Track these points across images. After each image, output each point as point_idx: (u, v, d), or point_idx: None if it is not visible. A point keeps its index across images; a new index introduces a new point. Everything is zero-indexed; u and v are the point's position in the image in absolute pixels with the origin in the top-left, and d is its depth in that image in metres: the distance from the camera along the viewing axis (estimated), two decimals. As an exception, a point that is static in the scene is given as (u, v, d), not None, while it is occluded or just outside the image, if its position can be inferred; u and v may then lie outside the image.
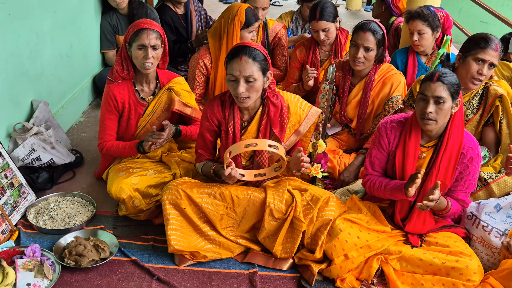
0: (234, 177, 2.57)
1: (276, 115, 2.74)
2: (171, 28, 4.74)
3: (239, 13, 3.41)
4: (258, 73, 2.56)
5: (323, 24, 3.70)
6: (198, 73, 3.58)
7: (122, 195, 2.85)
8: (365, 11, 9.39)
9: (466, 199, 2.64)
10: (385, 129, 2.66)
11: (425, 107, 2.45)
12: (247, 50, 2.55)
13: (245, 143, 2.53)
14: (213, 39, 3.54)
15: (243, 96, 2.57)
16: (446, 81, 2.43)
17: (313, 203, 2.64)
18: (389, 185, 2.58)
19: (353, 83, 3.39)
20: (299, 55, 3.94)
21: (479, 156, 2.58)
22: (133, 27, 2.95)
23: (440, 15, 3.76)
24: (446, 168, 2.54)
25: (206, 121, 2.77)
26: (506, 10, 7.36)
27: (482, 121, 3.11)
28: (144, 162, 3.12)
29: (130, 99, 3.05)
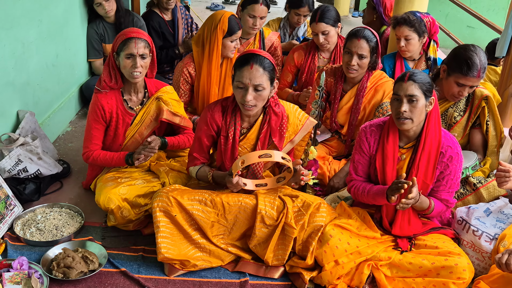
0: (240, 185, 2.60)
1: (277, 124, 2.76)
2: (158, 34, 4.78)
3: (221, 21, 3.42)
4: (267, 83, 2.59)
5: (323, 26, 3.73)
6: (182, 81, 3.59)
7: (110, 205, 2.83)
8: (352, 17, 9.45)
9: (450, 198, 2.66)
10: (364, 134, 2.70)
11: (399, 107, 2.51)
12: (258, 58, 2.57)
13: (259, 154, 2.56)
14: (196, 47, 3.55)
15: (250, 104, 2.58)
16: (417, 79, 2.49)
17: (304, 209, 2.65)
18: (371, 190, 2.62)
19: (345, 90, 3.41)
20: (297, 58, 3.96)
21: (459, 155, 2.61)
22: (121, 36, 2.94)
23: (427, 21, 3.80)
24: (425, 167, 2.58)
25: (205, 125, 2.77)
26: (492, 15, 7.45)
27: (470, 123, 3.14)
28: (133, 171, 3.11)
29: (118, 108, 3.04)
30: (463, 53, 2.94)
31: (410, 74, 2.50)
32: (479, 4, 7.73)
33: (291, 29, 4.75)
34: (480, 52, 2.94)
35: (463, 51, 2.95)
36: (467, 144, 3.21)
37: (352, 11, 9.75)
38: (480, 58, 2.92)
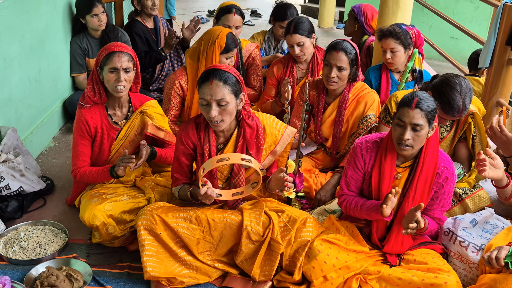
0: (211, 196, 2.57)
1: (252, 137, 2.76)
2: (142, 39, 4.88)
3: (220, 37, 3.44)
4: (230, 96, 2.58)
5: (297, 37, 3.75)
6: (173, 94, 3.58)
7: (95, 222, 2.82)
8: (337, 29, 9.54)
9: (442, 217, 2.69)
10: (360, 150, 2.69)
11: (403, 134, 2.48)
12: (218, 73, 2.57)
13: (217, 158, 2.54)
14: (191, 60, 3.55)
15: (216, 120, 2.58)
16: (424, 108, 2.45)
17: (291, 225, 2.65)
18: (365, 205, 2.61)
19: (327, 102, 3.44)
20: (276, 72, 3.99)
21: (454, 176, 2.63)
22: (104, 50, 2.95)
23: (412, 33, 3.84)
24: (422, 188, 2.58)
25: (181, 144, 2.77)
26: (475, 26, 7.56)
27: (456, 138, 3.18)
28: (118, 187, 3.10)
29: (103, 123, 3.04)
30: (448, 92, 2.86)
31: (418, 101, 2.45)
32: (462, 15, 7.84)
33: (275, 42, 4.78)
34: (466, 93, 2.87)
35: (448, 90, 2.86)
36: (452, 156, 3.25)
37: (337, 23, 9.84)
38: (464, 100, 2.86)
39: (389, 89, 3.95)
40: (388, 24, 4.01)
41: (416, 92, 2.51)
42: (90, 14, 4.39)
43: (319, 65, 3.90)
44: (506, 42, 4.02)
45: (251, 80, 4.22)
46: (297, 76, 3.95)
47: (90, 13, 4.38)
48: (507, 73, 4.14)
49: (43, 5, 4.05)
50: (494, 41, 4.11)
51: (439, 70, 7.00)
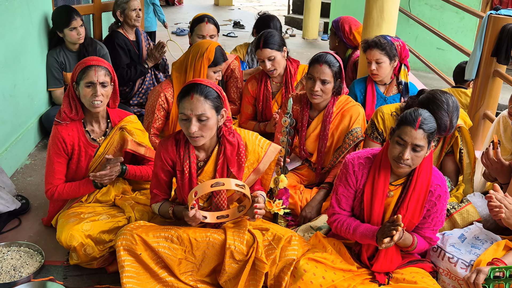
0: (198, 218, 2.57)
1: (233, 154, 2.76)
2: (124, 51, 4.89)
3: (208, 50, 3.44)
4: (211, 111, 2.58)
5: (267, 52, 3.77)
6: (158, 106, 3.57)
7: (73, 242, 2.78)
8: (322, 40, 9.62)
9: (433, 236, 2.67)
10: (352, 166, 2.67)
11: (402, 153, 2.47)
12: (199, 88, 2.58)
13: (211, 183, 2.53)
14: (177, 73, 3.55)
15: (196, 135, 2.58)
16: (427, 129, 2.45)
17: (275, 243, 2.64)
18: (358, 229, 2.60)
19: (312, 116, 3.46)
20: (251, 88, 4.01)
21: (447, 193, 2.63)
22: (80, 64, 2.94)
23: (397, 44, 3.88)
24: (414, 207, 2.58)
25: (160, 160, 2.76)
26: (461, 37, 7.69)
27: (443, 152, 3.21)
28: (96, 206, 3.07)
29: (80, 140, 3.01)
30: (435, 111, 2.88)
31: (421, 122, 2.44)
32: (448, 26, 7.96)
33: (258, 54, 4.80)
34: (453, 112, 2.91)
35: (435, 108, 2.89)
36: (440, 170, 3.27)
37: (322, 34, 9.93)
38: (452, 119, 2.90)
39: (374, 101, 3.97)
40: (373, 36, 4.04)
41: (418, 110, 2.50)
42: (68, 27, 4.37)
43: (293, 77, 3.92)
44: (492, 54, 4.10)
45: (231, 93, 4.23)
46: (272, 90, 3.97)
47: (69, 26, 4.37)
48: (493, 84, 4.21)
49: (18, 18, 4.03)
50: (479, 52, 4.19)
51: (425, 81, 7.10)
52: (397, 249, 2.64)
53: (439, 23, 7.95)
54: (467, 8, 5.03)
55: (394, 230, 2.39)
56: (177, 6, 12.56)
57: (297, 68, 3.96)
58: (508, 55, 4.02)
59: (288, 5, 11.51)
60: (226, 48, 4.27)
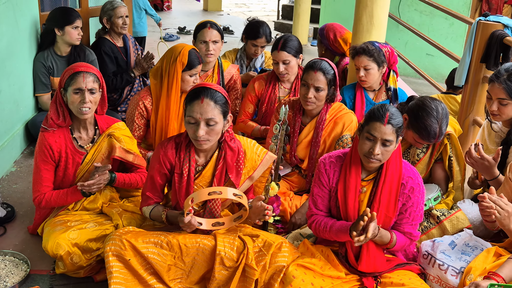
0: (193, 225, 2.58)
1: (233, 160, 2.78)
2: (111, 59, 4.86)
3: (181, 54, 3.44)
4: (219, 117, 2.61)
5: (284, 55, 3.80)
6: (137, 115, 3.57)
7: (59, 251, 2.77)
8: (311, 46, 9.66)
9: (414, 231, 2.70)
10: (323, 165, 2.72)
11: (373, 148, 2.53)
12: (209, 92, 2.60)
13: (208, 191, 2.55)
14: (154, 79, 3.55)
15: (202, 139, 2.60)
16: (395, 124, 2.51)
17: (266, 249, 2.65)
18: (334, 226, 2.63)
19: (304, 123, 3.47)
20: (258, 88, 4.00)
21: (420, 186, 2.66)
22: (68, 70, 2.94)
23: (385, 51, 3.90)
24: (387, 200, 2.62)
25: (158, 163, 2.76)
26: (450, 43, 7.75)
27: (433, 160, 3.22)
28: (83, 214, 3.06)
29: (67, 147, 3.01)
30: (425, 118, 2.93)
31: (389, 117, 2.50)
32: (437, 32, 8.04)
33: (248, 60, 4.82)
34: (443, 119, 2.94)
35: (425, 116, 2.93)
36: (429, 178, 3.29)
37: (311, 40, 9.97)
38: (441, 126, 2.94)
39: (363, 108, 3.99)
40: (362, 42, 4.07)
41: (385, 106, 2.56)
42: (72, 25, 4.36)
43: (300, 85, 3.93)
44: (481, 60, 4.14)
45: (231, 104, 4.22)
46: (279, 95, 3.97)
47: (73, 23, 4.36)
48: (483, 90, 4.24)
49: (3, 24, 4.01)
50: (469, 58, 4.23)
51: (415, 87, 7.15)
52: (378, 247, 2.66)
53: (428, 29, 8.03)
54: (456, 14, 5.08)
55: (361, 220, 2.41)
56: (166, 11, 12.57)
57: None
58: (497, 61, 4.06)
59: (278, 10, 11.55)
60: (215, 54, 4.26)
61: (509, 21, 4.10)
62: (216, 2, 13.24)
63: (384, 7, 4.23)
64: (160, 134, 3.59)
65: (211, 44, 4.03)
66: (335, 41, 4.64)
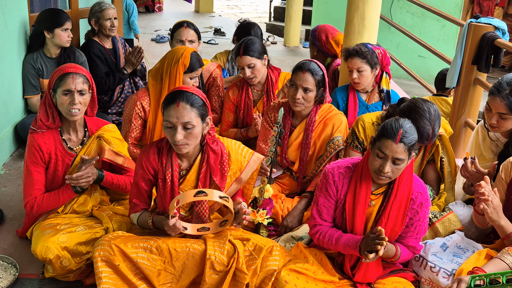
0: (178, 228, 2.56)
1: (216, 163, 2.76)
2: (102, 60, 4.83)
3: (183, 56, 3.44)
4: (197, 120, 2.59)
5: (247, 59, 3.79)
6: (135, 115, 3.56)
7: (48, 255, 2.75)
8: (303, 48, 9.66)
9: (417, 245, 2.69)
10: (332, 176, 2.68)
11: (383, 166, 2.48)
12: (185, 95, 2.58)
13: (194, 192, 2.54)
14: (153, 80, 3.54)
15: (181, 143, 2.58)
16: (408, 142, 2.46)
17: (256, 253, 2.64)
18: (340, 240, 2.60)
19: (294, 125, 3.47)
20: (232, 96, 4.01)
21: (428, 201, 2.65)
22: (57, 71, 2.92)
23: (378, 52, 3.92)
24: (396, 215, 2.59)
25: (141, 169, 2.75)
26: (442, 45, 7.78)
27: (425, 161, 3.24)
28: (73, 217, 3.04)
29: (57, 149, 2.99)
30: (418, 120, 2.91)
31: (402, 135, 2.45)
32: (429, 34, 8.07)
33: (239, 62, 4.81)
34: (435, 120, 2.94)
35: (417, 117, 2.92)
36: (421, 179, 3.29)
37: (303, 41, 9.98)
38: (434, 127, 2.94)
39: (356, 109, 4.00)
40: (354, 44, 4.08)
41: (400, 122, 2.50)
42: (61, 27, 4.34)
43: (274, 85, 3.93)
44: (473, 62, 4.16)
45: (213, 101, 4.23)
46: (254, 98, 3.98)
47: (62, 26, 4.34)
48: (474, 92, 4.27)
49: (-8, 25, 3.99)
50: (460, 60, 4.25)
51: (407, 89, 7.17)
52: (379, 260, 2.64)
53: (420, 31, 8.06)
54: (447, 16, 5.10)
55: (379, 244, 2.40)
56: (157, 12, 12.53)
57: (278, 76, 3.98)
58: (489, 63, 4.09)
59: (270, 12, 11.54)
60: (206, 56, 4.28)
61: (500, 23, 4.13)
62: (207, 4, 13.22)
63: (376, 8, 4.24)
64: (159, 136, 3.57)
65: (188, 43, 4.05)
66: (327, 42, 4.64)
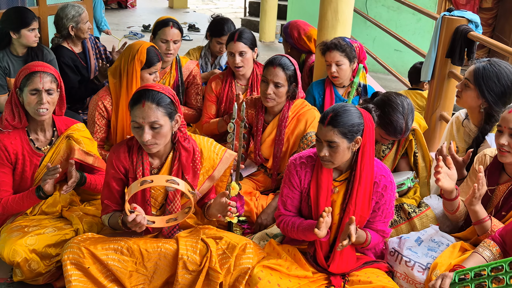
0: (141, 223, 2.53)
1: (188, 161, 2.75)
2: (72, 70, 4.71)
3: (139, 52, 3.42)
4: (164, 118, 2.58)
5: (241, 45, 3.80)
6: (98, 116, 3.54)
7: (16, 258, 2.72)
8: (279, 43, 9.68)
9: (386, 228, 2.73)
10: (294, 166, 2.72)
11: (320, 150, 2.54)
12: (150, 94, 2.56)
13: (139, 181, 2.52)
14: (113, 78, 3.52)
15: (149, 143, 2.57)
16: (338, 124, 2.48)
17: (229, 252, 2.64)
18: (301, 225, 2.64)
19: (267, 121, 3.48)
20: (215, 88, 4.00)
21: (392, 183, 2.68)
22: (24, 70, 2.89)
23: (356, 46, 3.93)
24: (362, 201, 2.62)
25: (112, 168, 2.73)
26: (418, 38, 7.85)
27: (398, 156, 3.26)
28: (42, 219, 3.01)
29: (24, 149, 2.95)
30: (391, 113, 2.96)
31: (331, 117, 2.49)
32: (405, 28, 8.13)
33: (213, 58, 4.80)
34: (408, 114, 2.98)
35: (391, 111, 2.96)
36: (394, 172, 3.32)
37: (279, 37, 9.99)
38: (407, 121, 2.98)
39: (333, 104, 4.00)
40: (327, 38, 4.09)
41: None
42: (28, 27, 4.26)
43: (259, 80, 3.93)
44: (447, 55, 4.21)
45: (192, 99, 4.22)
46: (236, 92, 3.97)
47: (29, 26, 4.26)
48: (449, 86, 4.32)
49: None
50: (434, 54, 4.29)
51: (384, 83, 7.23)
52: (352, 247, 2.67)
53: (396, 24, 8.12)
54: (423, 10, 5.15)
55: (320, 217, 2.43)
56: (130, 8, 12.45)
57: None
58: (462, 56, 4.13)
59: (245, 7, 11.54)
60: (180, 52, 4.24)
61: (473, 16, 4.18)
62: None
63: (349, 2, 4.25)
64: (122, 135, 3.56)
65: (172, 43, 4.00)
66: (299, 39, 4.65)
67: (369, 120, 2.58)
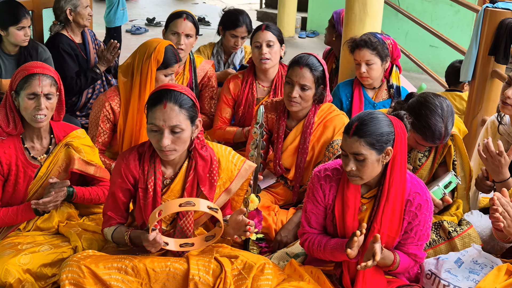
0: (159, 243, 2.56)
1: (205, 171, 2.77)
2: (72, 58, 4.75)
3: (157, 50, 3.42)
4: (186, 122, 2.60)
5: (269, 35, 3.84)
6: (102, 118, 3.55)
7: (8, 279, 2.75)
8: (299, 38, 9.70)
9: (419, 252, 2.71)
10: (318, 179, 2.72)
11: (346, 164, 2.54)
12: (172, 95, 2.59)
13: (179, 202, 2.54)
14: (124, 77, 3.52)
15: (168, 149, 2.59)
16: (364, 134, 2.48)
17: (246, 272, 2.65)
18: (328, 244, 2.64)
19: (289, 127, 3.47)
20: (233, 89, 4.01)
21: (428, 202, 2.66)
22: (21, 71, 2.91)
23: (388, 43, 3.90)
24: (390, 219, 2.61)
25: (119, 177, 2.76)
26: (456, 32, 7.81)
27: (436, 165, 3.24)
28: (37, 235, 3.04)
29: (18, 159, 2.99)
30: (429, 117, 2.93)
31: (356, 127, 2.49)
32: (442, 20, 8.09)
33: (226, 56, 4.80)
34: (448, 117, 2.95)
35: (428, 114, 2.94)
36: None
37: (299, 31, 10.01)
38: (447, 125, 2.95)
39: (362, 108, 3.96)
40: (355, 33, 4.09)
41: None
42: (16, 25, 4.32)
43: (283, 82, 3.94)
44: (489, 52, 4.17)
45: (205, 104, 4.23)
46: (257, 95, 3.98)
47: (17, 24, 4.32)
48: (492, 86, 4.26)
49: None
50: (476, 51, 4.26)
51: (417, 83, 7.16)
52: (378, 269, 2.67)
53: (431, 17, 8.09)
54: (461, 1, 5.13)
55: (354, 236, 2.43)
56: (133, 1, 12.55)
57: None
58: (507, 53, 4.09)
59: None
60: (189, 49, 4.26)
61: (520, 7, 4.15)
62: (190, -11, 13.26)
63: (379, -7, 4.27)
64: (130, 141, 3.55)
65: (183, 37, 3.99)
66: None
67: (400, 128, 2.56)
